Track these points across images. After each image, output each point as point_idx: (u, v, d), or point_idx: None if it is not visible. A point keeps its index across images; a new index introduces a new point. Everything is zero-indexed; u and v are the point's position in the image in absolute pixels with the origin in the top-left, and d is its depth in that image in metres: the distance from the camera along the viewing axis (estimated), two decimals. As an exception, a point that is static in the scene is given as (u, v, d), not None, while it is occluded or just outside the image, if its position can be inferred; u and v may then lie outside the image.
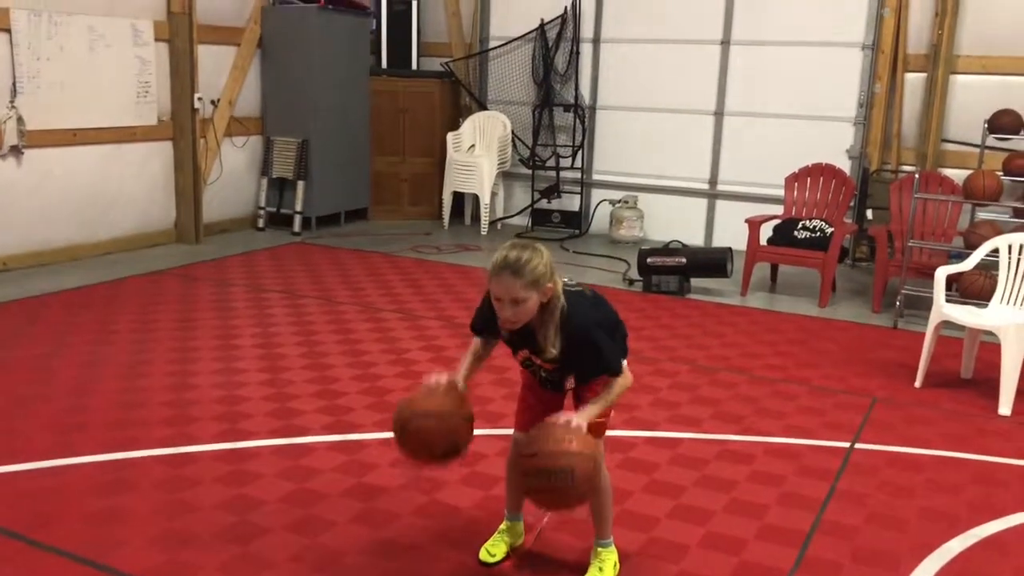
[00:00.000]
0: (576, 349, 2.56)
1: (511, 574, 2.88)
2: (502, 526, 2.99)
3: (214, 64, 7.79)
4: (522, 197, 9.10)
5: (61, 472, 3.43)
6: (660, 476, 3.59)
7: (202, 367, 4.63)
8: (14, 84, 6.26)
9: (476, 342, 2.79)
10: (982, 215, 6.47)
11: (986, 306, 4.89)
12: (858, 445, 3.99)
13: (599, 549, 2.84)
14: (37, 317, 5.38)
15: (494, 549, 2.93)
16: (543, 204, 8.83)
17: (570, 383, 2.73)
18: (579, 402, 2.78)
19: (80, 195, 6.86)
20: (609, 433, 2.58)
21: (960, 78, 7.36)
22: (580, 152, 8.68)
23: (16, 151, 6.33)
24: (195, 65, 7.40)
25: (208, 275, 6.60)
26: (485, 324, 2.72)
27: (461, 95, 9.32)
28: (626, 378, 2.64)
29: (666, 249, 6.84)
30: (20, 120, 6.27)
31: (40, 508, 3.15)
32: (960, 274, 5.22)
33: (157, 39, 7.22)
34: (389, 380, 4.54)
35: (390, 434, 3.84)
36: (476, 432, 3.91)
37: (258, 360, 4.77)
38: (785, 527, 3.23)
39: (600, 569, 2.80)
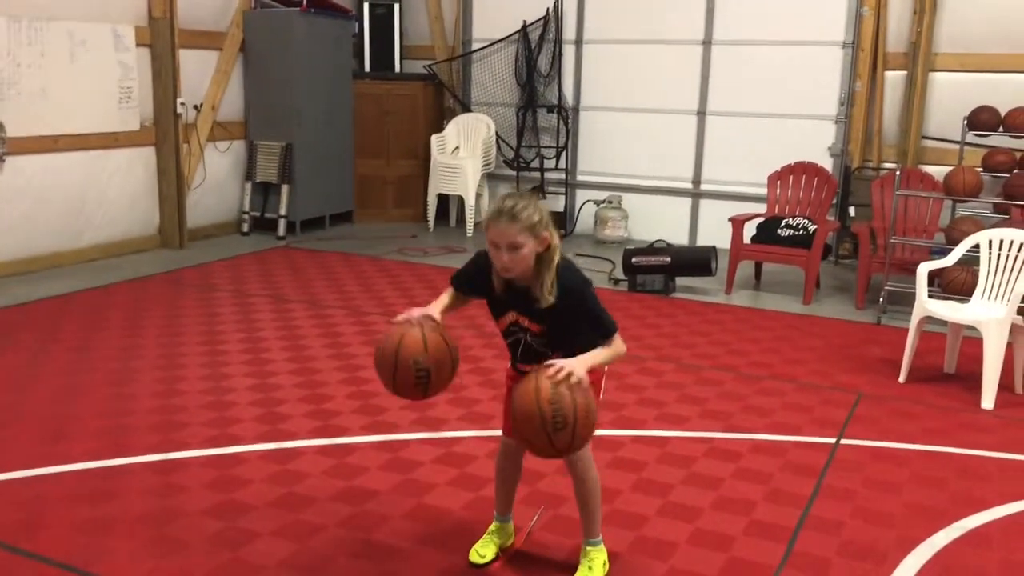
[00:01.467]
0: (569, 307, 2.56)
1: (501, 575, 2.89)
2: (492, 527, 3.00)
3: (196, 69, 7.76)
4: (507, 198, 9.10)
5: (48, 480, 3.41)
6: (648, 474, 3.61)
7: (189, 373, 4.61)
8: (-6, 91, 6.23)
9: (450, 291, 2.80)
10: (963, 211, 6.53)
11: (968, 301, 4.93)
12: (843, 441, 4.02)
13: (588, 548, 2.85)
14: (21, 325, 5.34)
15: (484, 550, 2.93)
16: (528, 205, 8.83)
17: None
18: None
19: (63, 202, 6.82)
20: (596, 432, 2.58)
21: (939, 75, 7.43)
22: (564, 153, 8.70)
23: (-3, 158, 6.30)
24: (177, 70, 7.38)
25: (193, 280, 6.57)
26: (467, 282, 2.75)
27: (445, 97, 9.33)
28: (620, 344, 2.63)
29: (651, 248, 6.86)
30: (1, 127, 6.23)
31: (27, 517, 3.13)
32: (942, 270, 5.26)
33: (139, 44, 7.19)
34: (377, 383, 4.50)
35: (379, 437, 3.87)
36: (466, 434, 3.94)
37: (245, 365, 4.76)
38: (772, 523, 3.25)
39: (589, 568, 2.81)
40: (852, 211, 7.55)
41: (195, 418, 4.03)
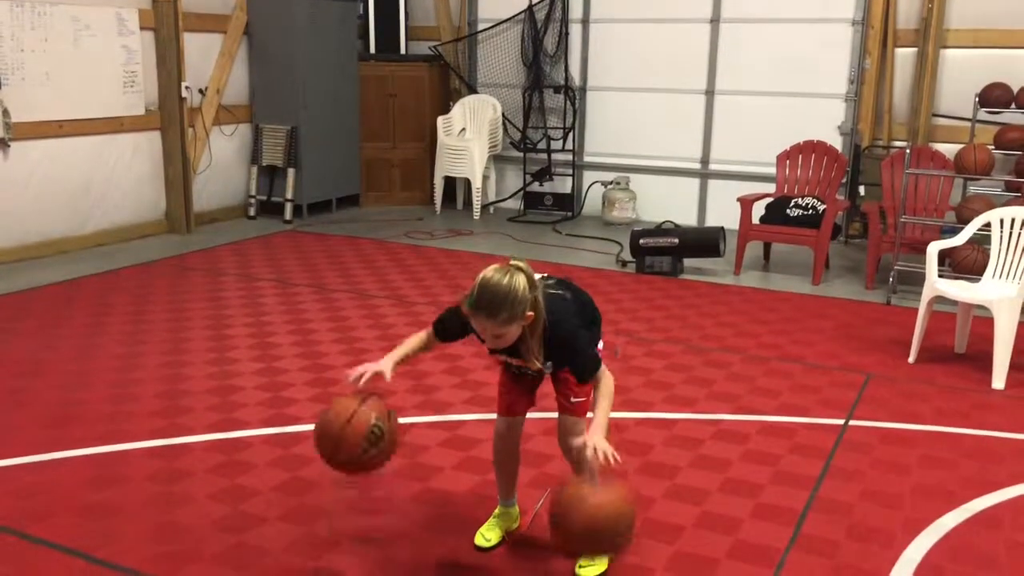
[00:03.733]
0: (558, 352, 2.61)
1: (506, 558, 2.88)
2: (496, 511, 2.99)
3: (201, 52, 7.73)
4: (514, 180, 9.07)
5: (54, 466, 3.42)
6: (655, 457, 3.59)
7: (194, 357, 4.61)
8: (-2, 76, 6.21)
9: (429, 334, 2.77)
10: (974, 189, 6.46)
11: (979, 280, 4.88)
12: (852, 422, 4.00)
13: (594, 531, 2.83)
14: (28, 311, 5.35)
15: (489, 534, 2.93)
16: (535, 187, 8.80)
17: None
18: (557, 383, 2.76)
19: (68, 187, 6.81)
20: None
21: (950, 52, 7.33)
22: (571, 134, 8.65)
23: (2, 144, 6.28)
24: (182, 53, 7.34)
25: (199, 265, 6.57)
26: (449, 334, 2.73)
27: (450, 79, 9.27)
28: (609, 380, 2.65)
29: (659, 230, 6.83)
30: (5, 112, 6.21)
31: (33, 502, 3.14)
32: (953, 249, 5.21)
33: (142, 28, 7.16)
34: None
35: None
36: (472, 417, 3.93)
37: (251, 349, 4.75)
38: (780, 505, 3.23)
39: (595, 551, 2.80)
40: (862, 190, 7.49)
41: (200, 403, 4.03)
